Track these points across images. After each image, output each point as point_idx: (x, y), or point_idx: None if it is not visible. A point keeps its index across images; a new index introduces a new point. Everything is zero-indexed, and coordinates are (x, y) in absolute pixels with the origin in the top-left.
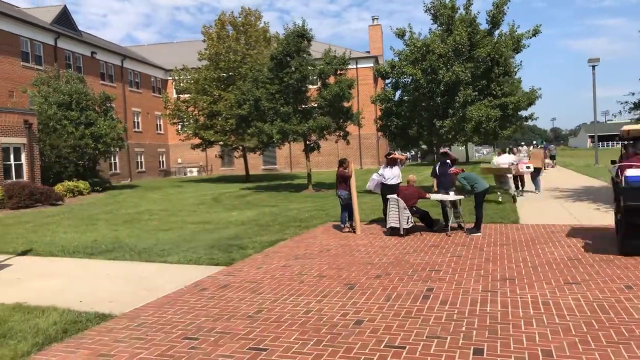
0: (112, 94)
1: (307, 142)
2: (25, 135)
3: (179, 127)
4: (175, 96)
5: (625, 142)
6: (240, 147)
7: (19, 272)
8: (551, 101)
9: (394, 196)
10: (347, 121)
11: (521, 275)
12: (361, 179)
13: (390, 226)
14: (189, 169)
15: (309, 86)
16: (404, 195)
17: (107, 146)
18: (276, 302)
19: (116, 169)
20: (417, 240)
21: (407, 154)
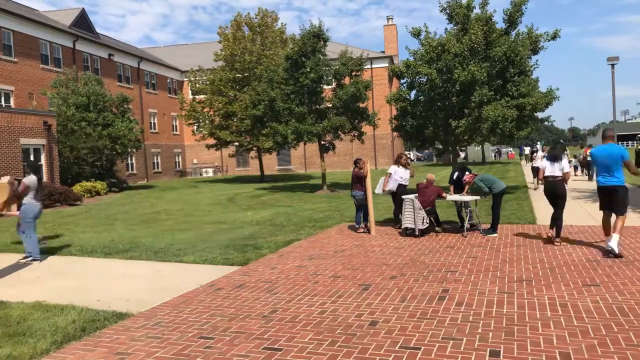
0: (129, 96)
1: (322, 142)
2: (44, 136)
3: (195, 127)
4: (191, 97)
5: None
6: (255, 147)
7: (38, 271)
8: (569, 100)
9: (410, 196)
10: (362, 122)
11: (538, 276)
12: (376, 179)
13: (405, 226)
14: (205, 170)
15: (324, 86)
16: (424, 192)
17: (125, 147)
18: (291, 302)
19: (133, 169)
20: (432, 241)
21: (421, 153)
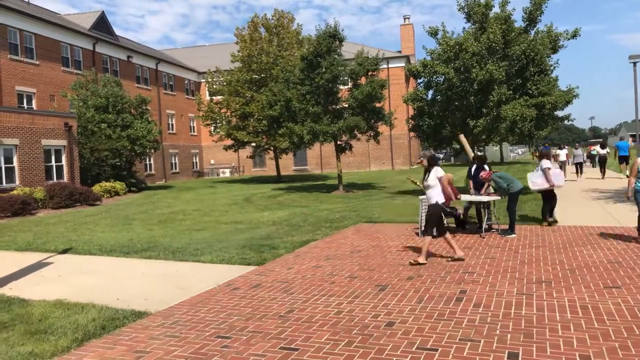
0: (147, 97)
1: (338, 142)
2: (65, 137)
3: (212, 128)
4: (208, 98)
5: None
6: (271, 147)
7: (59, 269)
8: (590, 99)
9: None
10: (378, 121)
11: (558, 278)
12: (396, 179)
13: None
14: (222, 170)
15: (340, 86)
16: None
17: (143, 148)
18: (307, 302)
19: (151, 170)
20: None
21: (438, 153)
